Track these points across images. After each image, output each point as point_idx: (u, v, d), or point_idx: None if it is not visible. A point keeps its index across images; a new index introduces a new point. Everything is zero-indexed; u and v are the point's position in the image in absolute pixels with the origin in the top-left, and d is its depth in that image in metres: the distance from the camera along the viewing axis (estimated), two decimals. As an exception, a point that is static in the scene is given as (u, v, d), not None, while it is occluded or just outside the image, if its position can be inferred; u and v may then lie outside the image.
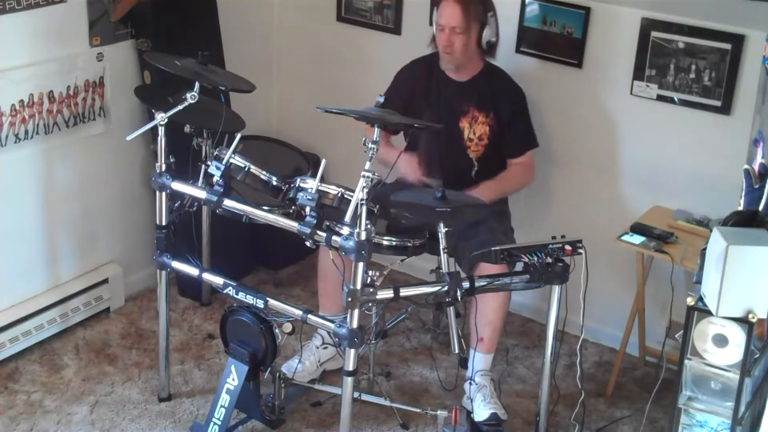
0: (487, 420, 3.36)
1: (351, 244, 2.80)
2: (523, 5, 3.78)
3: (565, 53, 3.75)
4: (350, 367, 2.95)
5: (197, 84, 3.13)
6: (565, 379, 3.67)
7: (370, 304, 3.02)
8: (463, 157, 3.60)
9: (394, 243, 3.06)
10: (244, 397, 3.24)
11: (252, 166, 3.12)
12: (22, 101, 3.51)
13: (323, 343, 3.63)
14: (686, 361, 2.60)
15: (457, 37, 3.45)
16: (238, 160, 3.12)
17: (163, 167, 3.20)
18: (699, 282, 2.57)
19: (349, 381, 2.96)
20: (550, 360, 3.16)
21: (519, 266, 3.07)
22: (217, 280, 3.25)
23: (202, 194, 3.16)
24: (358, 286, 2.85)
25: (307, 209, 2.96)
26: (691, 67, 3.48)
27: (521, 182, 3.70)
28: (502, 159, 3.66)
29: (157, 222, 3.29)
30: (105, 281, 3.98)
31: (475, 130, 3.57)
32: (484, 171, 3.61)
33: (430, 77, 3.63)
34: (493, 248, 3.01)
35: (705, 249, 2.56)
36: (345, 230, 2.89)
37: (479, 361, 3.46)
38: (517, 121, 3.62)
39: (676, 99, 3.55)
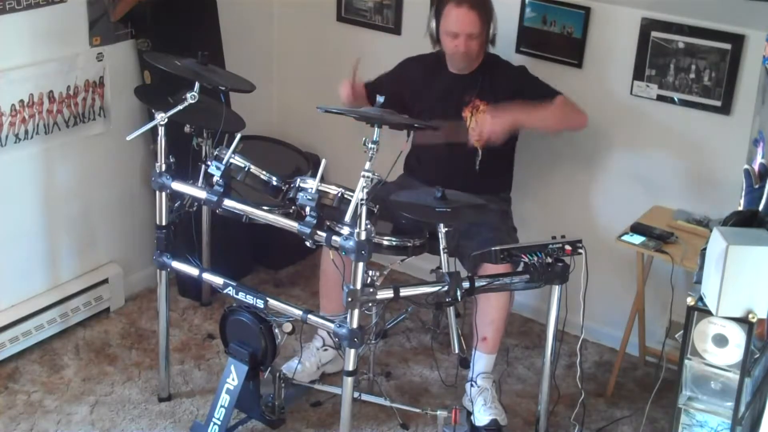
0: (486, 426, 3.36)
1: (351, 244, 2.80)
2: (523, 5, 3.78)
3: (565, 53, 3.75)
4: (350, 367, 2.95)
5: (197, 84, 3.13)
6: (565, 379, 3.67)
7: (370, 304, 3.02)
8: (468, 147, 3.59)
9: (394, 243, 3.06)
10: (244, 397, 3.24)
11: (252, 166, 3.12)
12: (22, 101, 3.51)
13: (324, 345, 3.63)
14: (686, 361, 2.60)
15: (474, 41, 3.46)
16: (238, 160, 3.12)
17: (163, 167, 3.20)
18: (699, 282, 2.57)
19: (349, 381, 2.96)
20: (550, 360, 3.16)
21: (519, 266, 3.07)
22: (217, 280, 3.24)
23: (202, 194, 3.16)
24: (358, 286, 2.85)
25: (307, 209, 2.97)
26: (691, 67, 3.48)
27: (569, 112, 3.51)
28: (507, 149, 3.66)
29: (157, 222, 3.29)
30: (105, 281, 3.98)
31: (476, 119, 3.57)
32: (489, 161, 3.59)
33: (434, 73, 3.63)
34: (493, 248, 3.01)
35: (705, 249, 2.56)
36: (345, 230, 2.89)
37: (481, 362, 3.45)
38: (530, 86, 3.56)
39: (676, 99, 3.55)
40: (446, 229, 3.00)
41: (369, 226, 2.79)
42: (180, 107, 3.10)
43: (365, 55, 4.26)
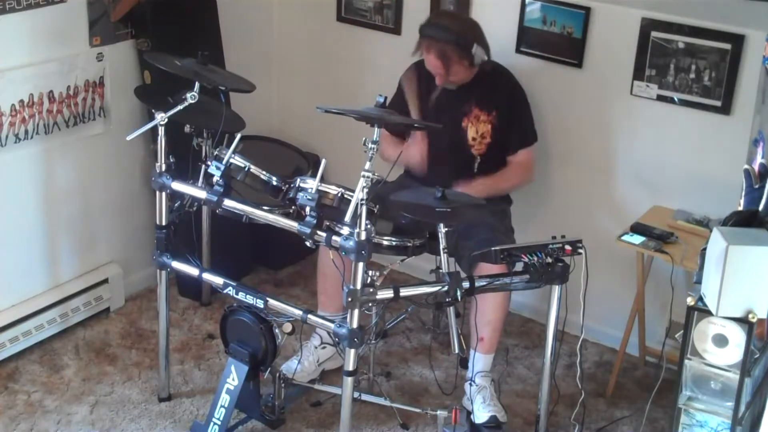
0: (486, 423, 3.36)
1: (351, 244, 2.80)
2: (523, 5, 3.78)
3: (565, 53, 3.75)
4: (350, 367, 2.95)
5: (197, 84, 3.13)
6: (565, 379, 3.67)
7: (370, 304, 3.02)
8: (467, 154, 3.60)
9: (394, 243, 3.06)
10: (244, 397, 3.24)
11: (252, 166, 3.12)
12: (22, 101, 3.51)
13: (322, 343, 3.63)
14: (686, 361, 2.60)
15: (448, 76, 3.51)
16: (238, 160, 3.12)
17: (163, 167, 3.20)
18: (699, 282, 2.57)
19: (349, 381, 2.96)
20: (550, 360, 3.16)
21: (519, 266, 3.07)
22: (217, 280, 3.25)
23: (202, 194, 3.16)
24: (358, 286, 2.85)
25: (307, 209, 2.97)
26: (691, 67, 3.48)
27: (516, 181, 3.70)
28: (504, 157, 3.66)
29: (157, 222, 3.29)
30: (105, 281, 3.98)
31: (477, 128, 3.58)
32: (487, 164, 3.61)
33: (431, 79, 3.64)
34: (493, 248, 3.01)
35: (705, 249, 2.56)
36: (345, 230, 2.89)
37: (479, 361, 3.46)
38: (515, 117, 3.63)
39: (676, 99, 3.55)
40: (446, 229, 3.00)
41: (369, 226, 2.79)
42: (180, 107, 3.10)
43: (365, 55, 4.28)
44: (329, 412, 3.49)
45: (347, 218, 2.78)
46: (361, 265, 2.83)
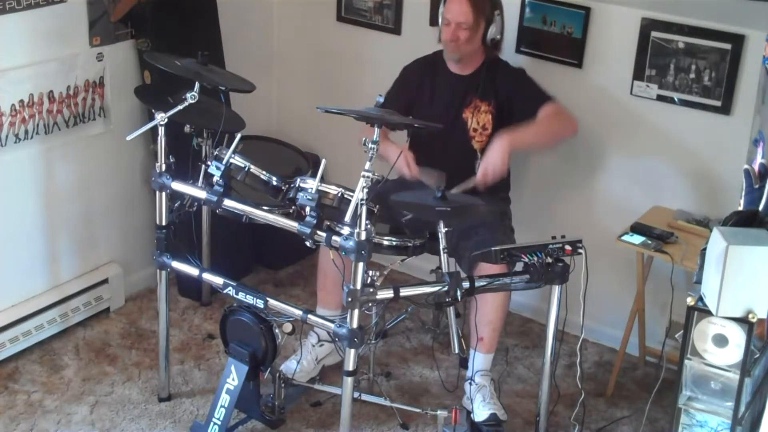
0: (486, 420, 3.36)
1: (351, 244, 2.80)
2: (523, 5, 3.78)
3: (565, 53, 3.75)
4: (350, 367, 2.95)
5: (197, 84, 3.14)
6: (565, 379, 3.67)
7: (370, 304, 3.02)
8: (467, 149, 3.60)
9: (394, 243, 3.06)
10: (244, 397, 3.24)
11: (252, 166, 3.12)
12: (22, 101, 3.51)
13: (319, 341, 3.63)
14: (686, 361, 2.60)
15: (462, 32, 3.47)
16: (238, 160, 3.12)
17: (163, 167, 3.20)
18: (699, 282, 2.57)
19: (349, 381, 2.96)
20: (550, 360, 3.16)
21: (519, 266, 3.07)
22: (217, 280, 3.25)
23: (202, 194, 3.16)
24: (358, 286, 2.85)
25: (307, 209, 2.97)
26: (691, 67, 3.48)
27: (556, 124, 3.54)
28: None
29: (157, 222, 3.29)
30: (105, 281, 3.98)
31: (478, 119, 3.58)
32: None
33: (435, 74, 3.64)
34: (493, 248, 3.01)
35: (705, 249, 2.56)
36: (345, 230, 2.89)
37: (479, 361, 3.46)
38: (522, 88, 3.59)
39: (676, 99, 3.55)
40: (446, 229, 3.00)
41: (369, 226, 2.79)
42: (180, 107, 3.10)
43: (365, 55, 4.28)
44: (329, 412, 3.49)
45: (347, 218, 2.78)
46: (361, 265, 2.83)
